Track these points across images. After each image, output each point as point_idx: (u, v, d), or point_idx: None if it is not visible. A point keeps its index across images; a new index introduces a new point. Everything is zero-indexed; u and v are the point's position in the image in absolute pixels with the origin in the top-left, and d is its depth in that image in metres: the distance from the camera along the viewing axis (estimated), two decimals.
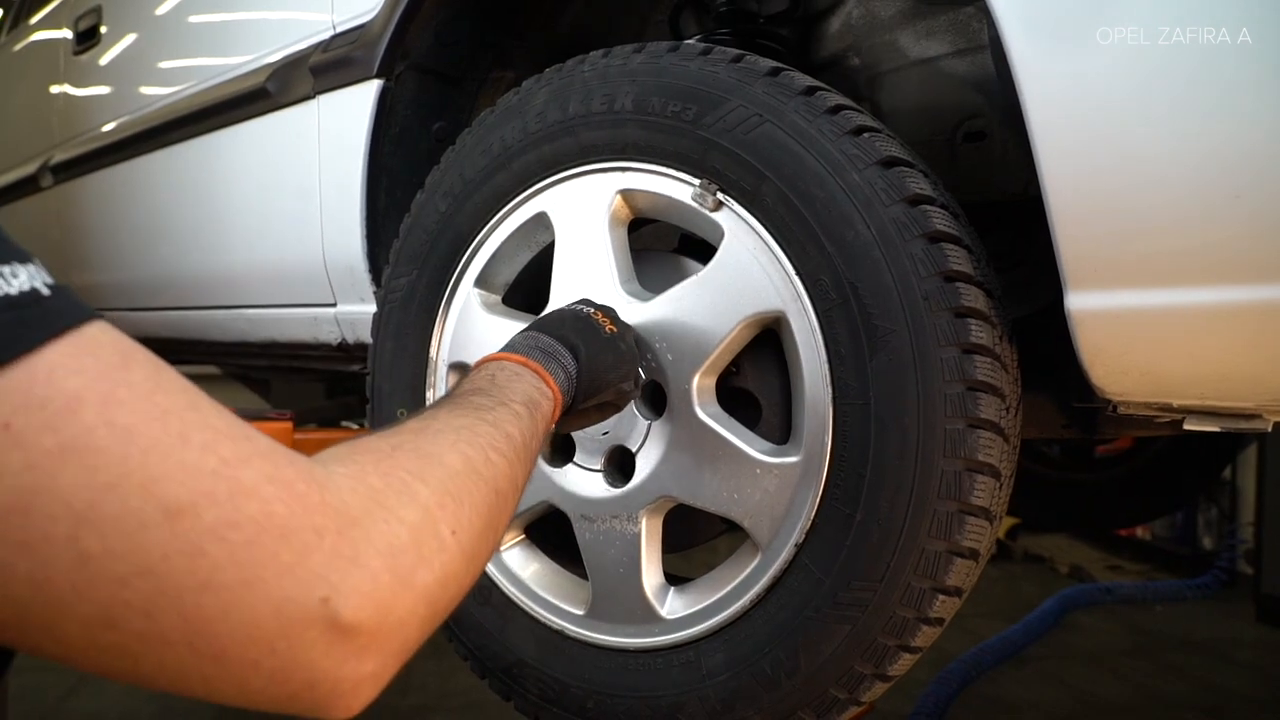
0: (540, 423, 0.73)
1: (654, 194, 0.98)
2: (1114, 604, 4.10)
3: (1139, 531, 4.81)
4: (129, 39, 2.11)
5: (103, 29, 2.19)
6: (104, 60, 2.18)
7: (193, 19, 1.91)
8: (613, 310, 0.95)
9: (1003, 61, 0.78)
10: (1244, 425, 0.80)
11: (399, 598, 0.46)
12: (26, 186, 2.52)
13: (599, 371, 0.86)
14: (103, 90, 2.22)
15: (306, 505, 0.44)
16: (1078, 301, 0.77)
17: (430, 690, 2.70)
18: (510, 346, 0.84)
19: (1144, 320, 0.74)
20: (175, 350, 2.17)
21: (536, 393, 0.76)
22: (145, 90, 2.03)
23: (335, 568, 0.43)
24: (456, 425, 0.62)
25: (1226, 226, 0.69)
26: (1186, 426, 0.82)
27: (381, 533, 0.47)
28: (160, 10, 2.00)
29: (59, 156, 2.35)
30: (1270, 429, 0.81)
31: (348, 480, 0.48)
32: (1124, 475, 2.49)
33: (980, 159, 1.16)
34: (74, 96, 2.33)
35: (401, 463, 0.53)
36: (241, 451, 0.43)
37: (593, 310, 0.91)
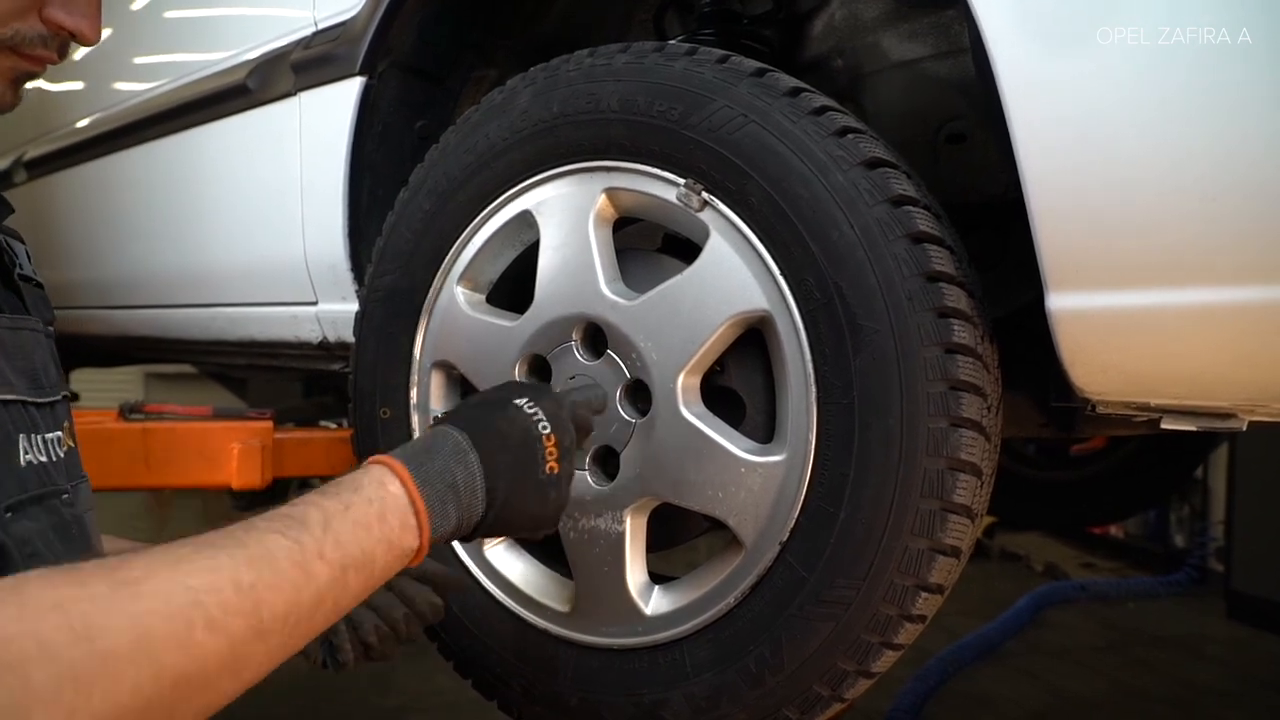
0: (361, 572, 0.64)
1: (639, 193, 0.99)
2: (1088, 601, 4.16)
3: (1113, 529, 4.87)
4: (105, 33, 2.08)
5: None
6: (79, 54, 2.15)
7: (170, 14, 1.89)
8: (570, 436, 0.81)
9: (984, 64, 0.79)
10: (1219, 424, 0.81)
11: None
12: None
13: (512, 519, 0.78)
14: (78, 85, 2.19)
15: None
16: (1058, 302, 0.78)
17: (410, 691, 2.68)
18: (419, 454, 0.72)
19: (1123, 321, 0.76)
20: (153, 348, 2.15)
21: (372, 540, 0.65)
22: (122, 85, 2.00)
23: None
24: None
25: (1204, 228, 0.70)
26: (1164, 426, 0.83)
27: None
28: (137, 4, 1.97)
29: (33, 152, 2.32)
30: (1245, 428, 0.82)
31: None
32: (1098, 474, 2.52)
33: (961, 161, 1.17)
34: (48, 91, 2.30)
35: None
36: None
37: (547, 433, 0.79)
